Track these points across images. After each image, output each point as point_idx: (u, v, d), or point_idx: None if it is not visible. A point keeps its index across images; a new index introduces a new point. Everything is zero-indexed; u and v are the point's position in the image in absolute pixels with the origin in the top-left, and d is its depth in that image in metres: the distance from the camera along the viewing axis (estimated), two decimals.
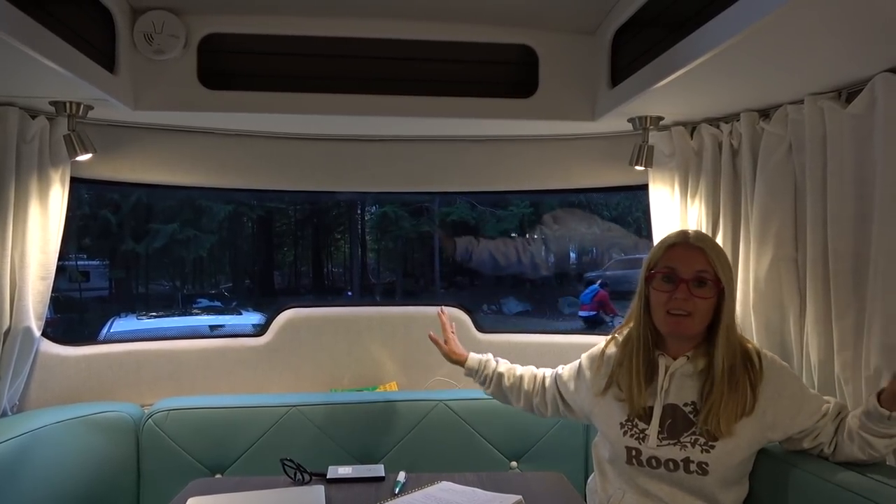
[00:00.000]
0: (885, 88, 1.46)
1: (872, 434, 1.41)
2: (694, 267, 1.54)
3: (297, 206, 10.93)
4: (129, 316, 7.87)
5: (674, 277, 1.55)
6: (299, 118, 2.09)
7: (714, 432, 1.52)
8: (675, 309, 1.54)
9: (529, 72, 2.08)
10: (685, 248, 1.57)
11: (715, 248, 1.58)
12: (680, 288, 1.54)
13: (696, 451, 1.53)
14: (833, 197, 1.61)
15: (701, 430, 1.54)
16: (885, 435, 1.40)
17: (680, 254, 1.57)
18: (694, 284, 1.53)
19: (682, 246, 1.58)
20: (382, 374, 2.52)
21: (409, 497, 1.47)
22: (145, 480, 2.09)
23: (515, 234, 10.86)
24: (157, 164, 2.26)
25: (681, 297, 1.53)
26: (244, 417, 2.15)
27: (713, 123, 2.02)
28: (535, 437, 2.22)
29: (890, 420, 1.38)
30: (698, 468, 1.53)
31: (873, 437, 1.41)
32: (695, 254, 1.56)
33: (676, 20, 1.59)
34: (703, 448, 1.53)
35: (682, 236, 1.61)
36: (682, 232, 1.63)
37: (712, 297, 1.54)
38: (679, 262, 1.56)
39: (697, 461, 1.53)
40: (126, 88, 1.88)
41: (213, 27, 1.96)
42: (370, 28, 2.00)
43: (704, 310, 1.54)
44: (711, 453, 1.52)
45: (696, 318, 1.54)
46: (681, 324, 1.55)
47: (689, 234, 1.61)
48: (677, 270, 1.55)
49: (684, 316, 1.54)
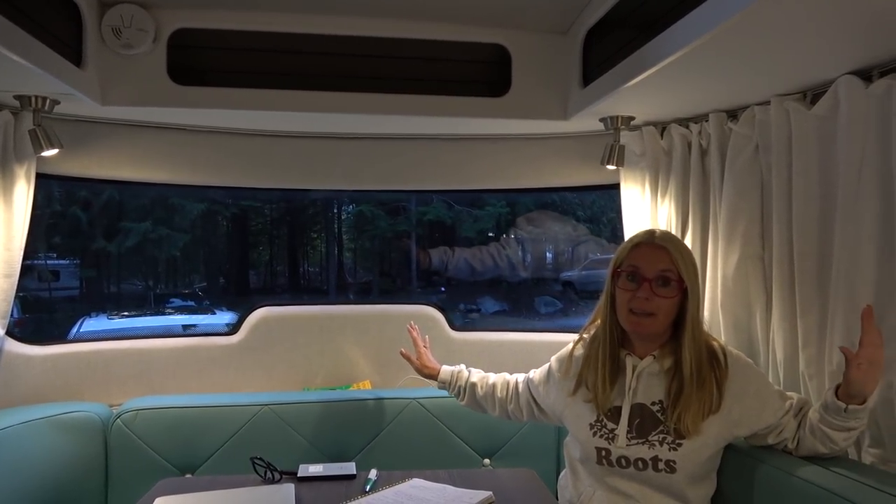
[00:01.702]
0: (848, 90, 1.49)
1: (831, 427, 1.44)
2: (657, 266, 1.56)
3: (273, 204, 10.82)
4: (99, 316, 7.73)
5: (637, 276, 1.57)
6: (271, 115, 2.07)
7: (682, 431, 1.54)
8: (638, 308, 1.56)
9: (502, 71, 2.09)
10: (650, 248, 1.59)
11: (680, 248, 1.60)
12: (642, 287, 1.55)
13: (664, 449, 1.55)
14: (798, 197, 1.64)
15: (668, 428, 1.56)
16: (842, 428, 1.43)
17: (644, 253, 1.59)
18: (657, 283, 1.55)
19: (647, 245, 1.60)
20: (356, 373, 2.51)
21: (379, 494, 1.46)
22: (113, 481, 2.06)
23: (492, 234, 10.88)
24: (125, 160, 2.23)
25: (643, 296, 1.55)
26: (215, 417, 2.13)
27: (683, 124, 2.04)
28: (507, 434, 2.23)
29: (847, 413, 1.41)
30: (666, 466, 1.55)
31: (832, 430, 1.44)
32: (659, 253, 1.57)
33: (646, 20, 1.61)
34: (670, 446, 1.55)
35: (648, 235, 1.62)
36: (648, 231, 1.65)
37: (675, 297, 1.56)
38: (643, 262, 1.57)
39: (665, 459, 1.55)
40: (93, 83, 1.85)
41: (184, 22, 1.93)
42: (343, 25, 1.99)
43: (667, 309, 1.56)
44: (679, 451, 1.54)
45: (658, 317, 1.56)
46: (642, 323, 1.57)
47: (655, 233, 1.63)
48: (641, 269, 1.57)
49: (646, 316, 1.56)
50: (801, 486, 1.42)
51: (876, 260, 1.46)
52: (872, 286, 1.46)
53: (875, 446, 1.51)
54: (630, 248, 1.62)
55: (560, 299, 10.60)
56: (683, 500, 1.58)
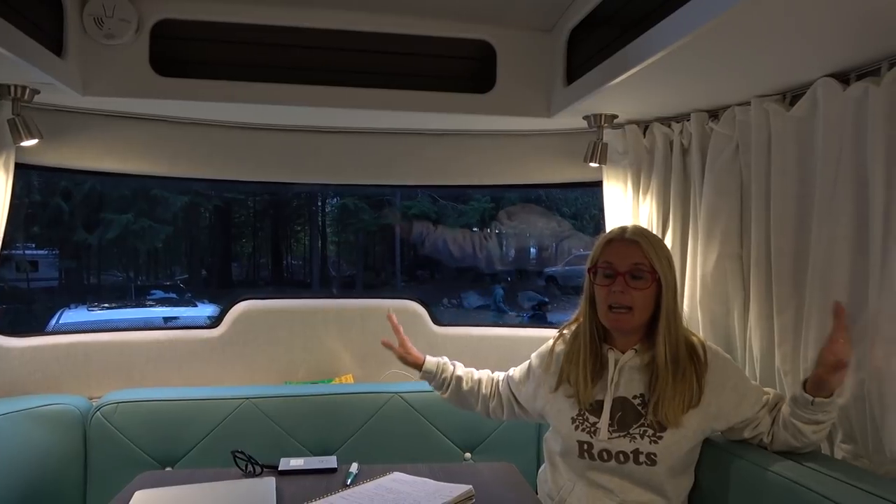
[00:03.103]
0: (826, 92, 1.51)
1: (801, 420, 1.48)
2: (629, 260, 1.59)
3: (256, 196, 10.77)
4: (79, 307, 7.64)
5: (612, 272, 1.60)
6: (254, 108, 2.06)
7: (663, 423, 1.57)
8: (615, 303, 1.59)
9: (487, 67, 2.09)
10: (621, 243, 1.62)
11: (651, 241, 1.62)
12: (617, 281, 1.58)
13: (644, 442, 1.58)
14: (776, 196, 1.67)
15: (649, 421, 1.59)
16: (811, 421, 1.47)
17: (617, 248, 1.62)
18: (630, 277, 1.58)
19: (619, 241, 1.63)
20: (338, 367, 2.52)
21: (360, 488, 1.47)
22: (92, 475, 2.05)
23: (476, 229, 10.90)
24: (106, 151, 2.20)
25: (618, 289, 1.58)
26: (196, 410, 2.12)
27: (665, 123, 2.06)
28: (488, 429, 2.24)
29: (814, 406, 1.44)
30: (647, 459, 1.57)
31: (801, 423, 1.48)
32: (631, 248, 1.60)
33: (630, 20, 1.62)
34: (651, 439, 1.58)
35: (620, 232, 1.66)
36: (621, 228, 1.68)
37: (649, 289, 1.59)
38: (615, 257, 1.61)
39: (647, 452, 1.57)
40: (74, 73, 1.83)
41: (167, 13, 1.91)
42: (328, 19, 1.98)
43: (643, 302, 1.59)
44: (660, 444, 1.57)
45: (635, 311, 1.59)
46: (620, 319, 1.60)
47: (626, 229, 1.66)
48: (614, 264, 1.60)
49: (624, 311, 1.58)
50: (775, 480, 1.45)
51: (850, 259, 1.48)
52: (846, 285, 1.49)
53: (847, 442, 1.54)
54: (603, 246, 1.65)
55: (543, 294, 10.66)
56: (662, 494, 1.60)
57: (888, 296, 1.36)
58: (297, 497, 1.45)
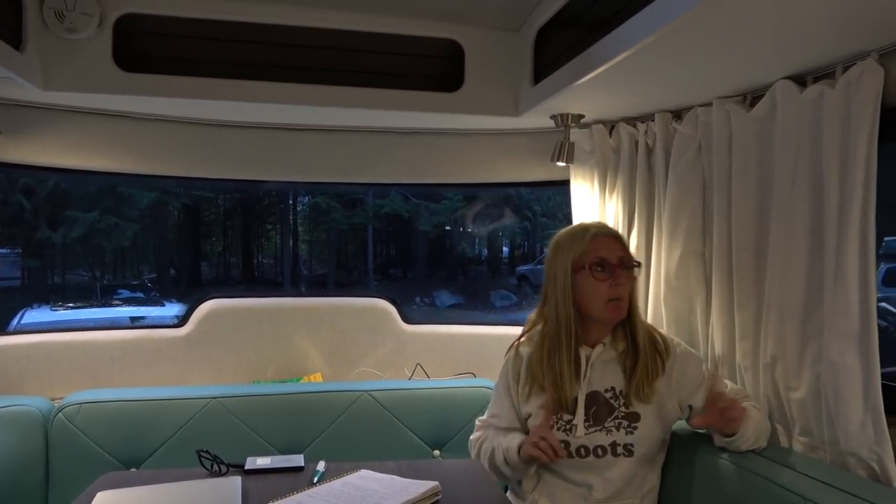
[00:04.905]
0: (784, 94, 1.55)
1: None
2: (617, 253, 1.65)
3: (226, 194, 10.64)
4: (42, 307, 7.47)
5: (606, 265, 1.63)
6: (221, 105, 2.04)
7: (643, 398, 1.62)
8: (615, 295, 1.62)
9: (455, 66, 2.10)
10: (606, 238, 1.67)
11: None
12: (616, 274, 1.63)
13: (620, 433, 1.63)
14: (737, 195, 1.71)
15: (622, 413, 1.63)
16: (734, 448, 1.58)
17: (604, 242, 1.65)
18: (622, 269, 1.64)
19: (604, 235, 1.67)
20: (307, 366, 2.50)
21: (326, 486, 1.47)
22: (54, 477, 2.01)
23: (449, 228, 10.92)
24: (69, 147, 2.16)
25: (621, 282, 1.63)
26: (161, 410, 2.09)
27: (630, 123, 2.09)
28: (458, 425, 2.25)
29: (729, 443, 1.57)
30: (625, 450, 1.62)
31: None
32: (615, 241, 1.67)
33: (595, 21, 1.64)
34: (626, 430, 1.63)
35: (601, 226, 1.70)
36: (595, 223, 1.72)
37: (634, 280, 1.66)
38: (605, 251, 1.64)
39: (623, 443, 1.62)
40: (34, 67, 1.79)
41: (130, 7, 1.88)
42: (295, 15, 1.97)
43: (629, 292, 1.66)
44: (635, 434, 1.62)
45: (625, 300, 1.65)
46: (620, 308, 1.64)
47: (599, 224, 1.72)
48: (607, 258, 1.63)
49: (620, 300, 1.64)
50: (740, 475, 1.51)
51: (807, 257, 1.52)
52: (803, 281, 1.53)
53: (804, 435, 1.58)
54: (590, 241, 1.65)
55: (515, 293, 10.73)
56: (635, 486, 1.65)
57: (841, 292, 1.40)
58: (263, 496, 1.44)
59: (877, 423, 1.37)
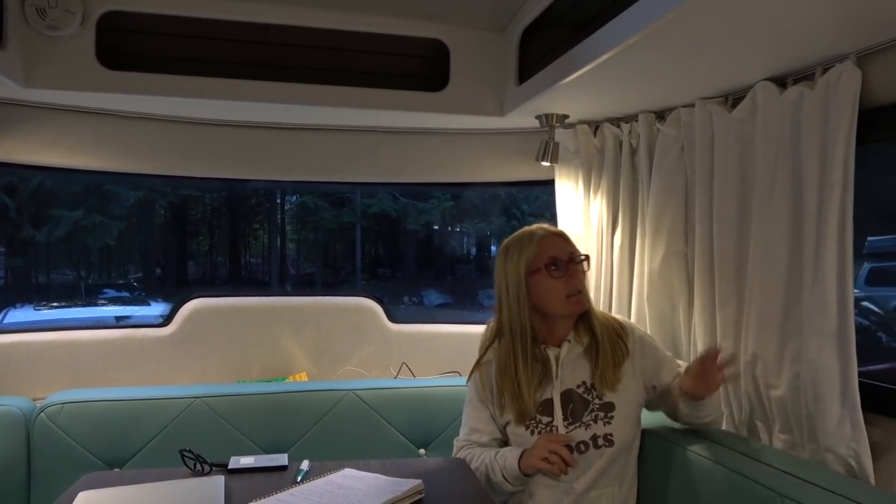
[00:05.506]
0: (765, 96, 1.57)
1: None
2: (567, 249, 1.69)
3: (213, 193, 10.56)
4: (25, 306, 7.39)
5: (560, 263, 1.65)
6: (205, 103, 2.03)
7: (611, 385, 1.65)
8: (573, 290, 1.65)
9: (440, 66, 2.11)
10: (553, 237, 1.70)
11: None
12: (569, 269, 1.66)
13: (599, 425, 1.65)
14: (719, 195, 1.72)
15: (597, 405, 1.66)
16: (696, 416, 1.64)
17: (552, 242, 1.69)
18: (574, 264, 1.68)
19: (550, 236, 1.70)
20: (292, 365, 2.50)
21: (309, 484, 1.47)
22: (36, 478, 1.99)
23: (437, 227, 10.92)
24: (52, 145, 2.14)
25: (576, 276, 1.66)
26: (145, 410, 2.07)
27: (614, 123, 2.11)
28: (442, 424, 2.25)
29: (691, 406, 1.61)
30: (605, 441, 1.64)
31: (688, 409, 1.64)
32: (561, 239, 1.71)
33: (579, 21, 1.65)
34: (604, 421, 1.65)
35: (544, 228, 1.73)
36: (537, 226, 1.74)
37: (585, 273, 1.70)
38: (556, 250, 1.67)
39: (603, 434, 1.64)
40: (15, 64, 1.77)
41: (113, 4, 1.87)
42: (280, 14, 1.97)
43: (586, 285, 1.70)
44: (613, 424, 1.65)
45: (584, 293, 1.68)
46: (580, 301, 1.67)
47: (543, 226, 1.74)
48: (558, 257, 1.66)
49: (580, 294, 1.66)
50: (717, 470, 1.51)
51: (787, 256, 1.54)
52: (783, 281, 1.55)
53: (784, 432, 1.60)
54: (539, 242, 1.68)
55: None
56: (614, 479, 1.66)
57: (819, 291, 1.42)
58: (246, 495, 1.43)
59: (854, 420, 1.39)
